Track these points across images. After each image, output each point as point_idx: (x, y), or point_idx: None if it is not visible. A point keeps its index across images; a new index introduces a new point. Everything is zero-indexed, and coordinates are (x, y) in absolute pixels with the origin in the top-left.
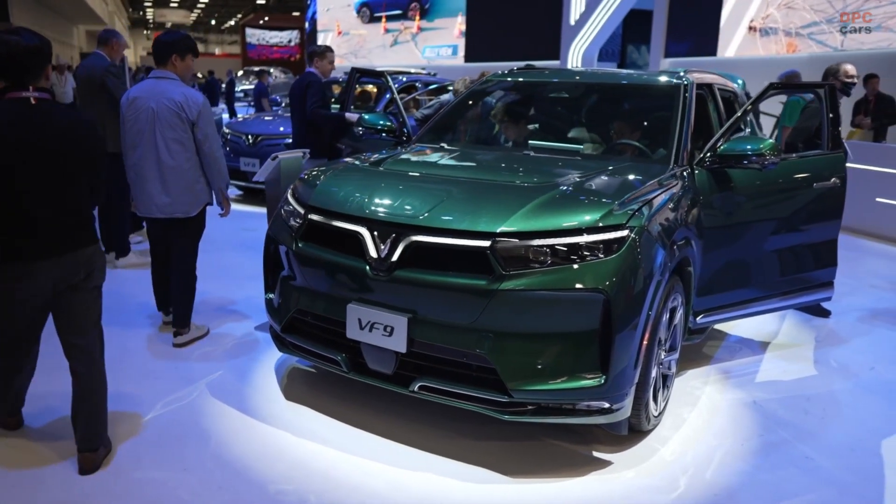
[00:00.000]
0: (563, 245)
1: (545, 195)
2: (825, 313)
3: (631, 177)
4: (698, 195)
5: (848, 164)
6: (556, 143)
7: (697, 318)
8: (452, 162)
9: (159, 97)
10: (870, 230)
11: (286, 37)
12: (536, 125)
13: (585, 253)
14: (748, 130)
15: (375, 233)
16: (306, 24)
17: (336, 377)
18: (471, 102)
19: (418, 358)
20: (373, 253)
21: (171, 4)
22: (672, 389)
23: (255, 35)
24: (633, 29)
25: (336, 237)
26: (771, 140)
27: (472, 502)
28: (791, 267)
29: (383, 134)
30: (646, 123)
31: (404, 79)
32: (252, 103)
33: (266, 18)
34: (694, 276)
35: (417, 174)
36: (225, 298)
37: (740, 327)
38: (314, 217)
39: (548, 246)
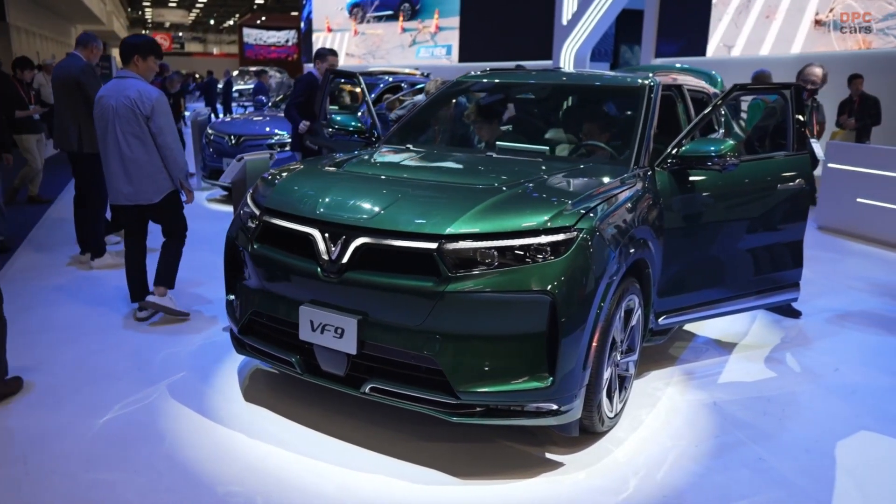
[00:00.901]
0: (510, 247)
1: (495, 197)
2: (796, 314)
3: (587, 178)
4: (658, 196)
5: (830, 165)
6: (523, 144)
7: (659, 320)
8: (412, 164)
9: (118, 95)
10: (851, 230)
11: (283, 37)
12: (504, 126)
13: (532, 255)
14: (721, 132)
15: (326, 235)
16: (301, 24)
17: (296, 379)
18: (439, 104)
19: (369, 360)
20: (324, 255)
21: (170, 4)
22: (630, 391)
23: (252, 35)
24: (626, 29)
25: (289, 239)
26: (731, 142)
27: None
28: (755, 268)
29: (355, 135)
30: (611, 125)
31: (390, 79)
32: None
33: (263, 18)
34: (653, 277)
35: (374, 176)
36: (198, 298)
37: (708, 328)
38: (268, 219)
39: (495, 248)
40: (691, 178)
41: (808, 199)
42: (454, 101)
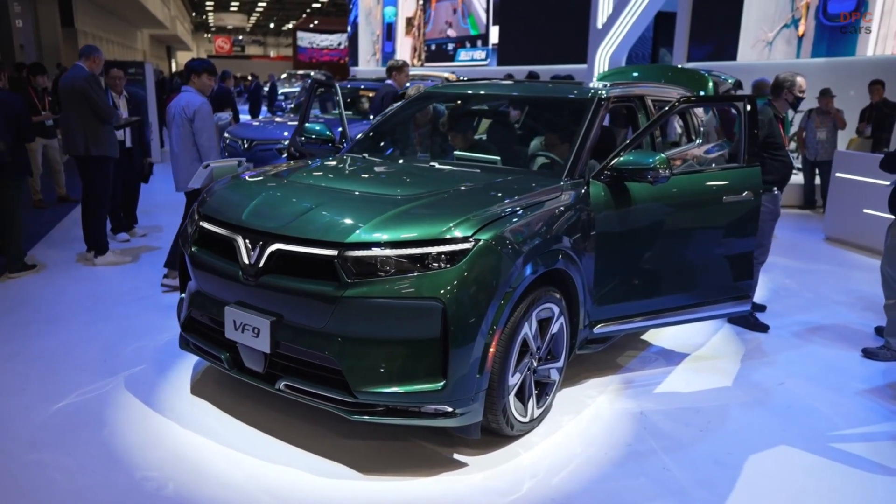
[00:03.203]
0: (408, 256)
1: (403, 206)
2: (763, 328)
3: (508, 189)
4: (591, 208)
5: (838, 174)
6: (478, 154)
7: (595, 329)
8: (346, 174)
9: (176, 104)
10: (857, 242)
11: (336, 40)
12: (464, 136)
13: (429, 263)
14: (699, 141)
15: (247, 240)
16: (348, 28)
17: None
18: (402, 114)
19: (283, 359)
20: (245, 259)
21: (231, 9)
22: (553, 397)
23: (305, 38)
24: (665, 31)
25: (219, 244)
26: (663, 155)
27: (317, 496)
28: (699, 280)
29: (329, 143)
30: (558, 136)
31: (408, 84)
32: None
33: (316, 22)
34: (580, 287)
35: (304, 185)
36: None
37: (664, 338)
38: (203, 224)
39: (393, 256)
40: (628, 190)
41: (758, 211)
42: (416, 111)
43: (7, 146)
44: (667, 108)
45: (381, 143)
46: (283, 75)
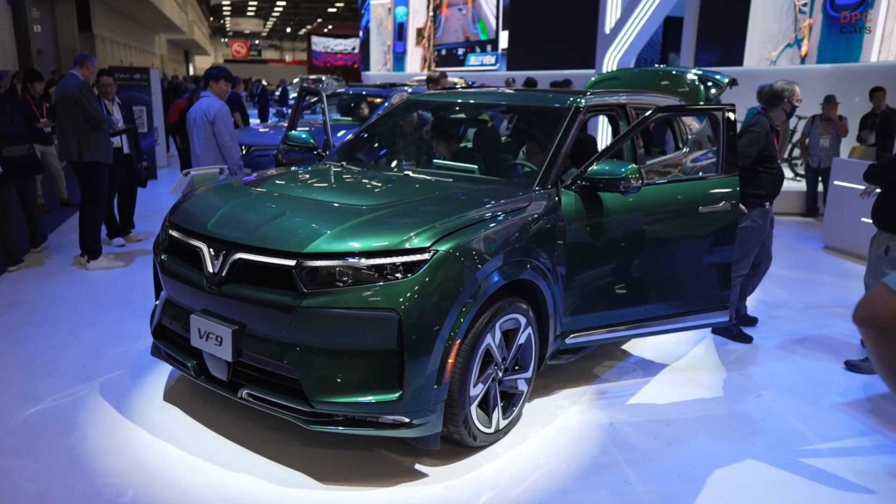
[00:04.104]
0: (364, 266)
1: (364, 216)
2: (746, 339)
3: (476, 198)
4: (562, 217)
5: (836, 182)
6: (458, 162)
7: (567, 339)
8: (320, 182)
9: (196, 108)
10: (856, 251)
11: (350, 44)
12: (444, 144)
13: (384, 274)
14: (685, 149)
15: (211, 249)
16: (360, 33)
17: None
18: (384, 122)
19: (245, 367)
20: (209, 268)
21: (248, 14)
22: (521, 408)
23: (320, 43)
24: (673, 37)
25: (186, 252)
26: (634, 165)
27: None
28: (675, 290)
29: (313, 151)
30: (535, 145)
31: (408, 90)
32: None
33: (330, 27)
34: (549, 297)
35: (272, 195)
36: None
37: (644, 349)
38: (172, 232)
39: (350, 267)
40: (600, 200)
41: (736, 221)
42: (398, 119)
43: (31, 148)
44: (640, 119)
45: (362, 152)
46: (296, 80)
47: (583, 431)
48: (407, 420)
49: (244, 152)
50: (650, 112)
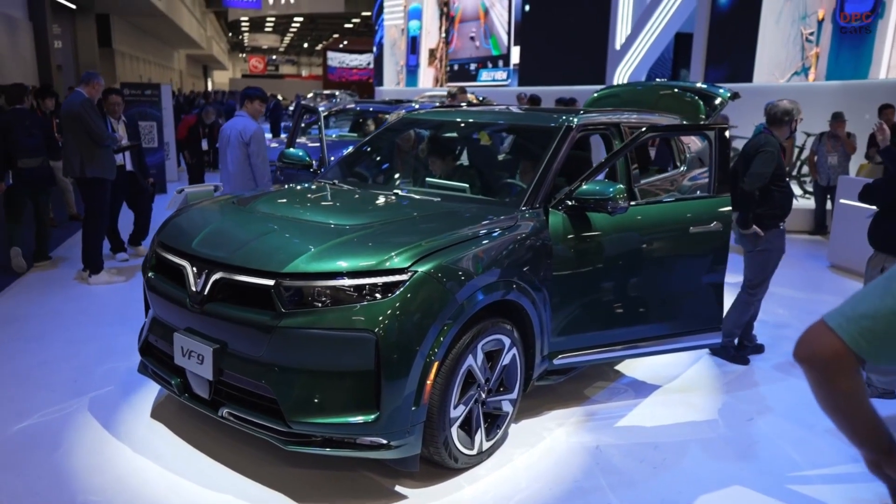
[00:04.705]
0: (343, 286)
1: (345, 236)
2: (744, 361)
3: (461, 218)
4: (548, 237)
5: (842, 201)
6: (450, 181)
7: (555, 360)
8: (308, 201)
9: (231, 128)
10: (862, 270)
11: (365, 59)
12: (439, 162)
13: (363, 294)
14: (682, 168)
15: (194, 268)
16: (374, 49)
17: None
18: (378, 141)
19: (226, 386)
20: (192, 286)
21: (266, 29)
22: (506, 429)
23: (335, 58)
24: (684, 53)
25: (171, 270)
26: (621, 185)
27: None
28: (666, 311)
29: (308, 168)
30: (530, 163)
31: (416, 105)
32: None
33: (345, 42)
34: (534, 318)
35: (258, 214)
36: None
37: (638, 369)
38: (158, 250)
39: (329, 286)
40: (589, 220)
41: (727, 241)
42: (390, 138)
43: (45, 161)
44: (629, 139)
45: (356, 170)
46: (310, 95)
47: (568, 454)
48: (384, 441)
49: None
50: (637, 132)
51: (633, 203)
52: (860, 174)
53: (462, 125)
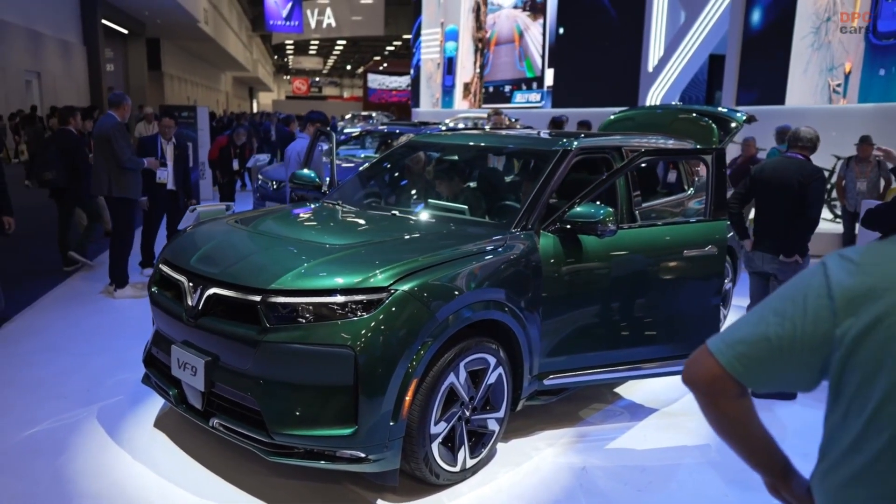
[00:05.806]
0: (325, 303)
1: (332, 255)
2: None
3: (450, 239)
4: (538, 259)
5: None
6: (453, 203)
7: (545, 380)
8: (306, 221)
9: (293, 149)
10: None
11: (404, 81)
12: (445, 184)
13: (344, 311)
14: (691, 190)
15: (191, 283)
16: (411, 71)
17: None
18: (382, 163)
19: (217, 397)
20: (188, 301)
21: (310, 52)
22: (492, 447)
23: (375, 80)
24: (718, 75)
25: (172, 286)
26: (610, 209)
27: None
28: (659, 334)
29: (318, 189)
30: (528, 186)
31: (443, 127)
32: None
33: (385, 65)
34: (522, 339)
35: (255, 232)
36: None
37: (636, 392)
38: (162, 266)
39: (311, 304)
40: (580, 242)
41: (722, 265)
42: (396, 160)
43: (59, 175)
44: (623, 163)
45: (360, 191)
46: (347, 116)
47: (553, 474)
48: (363, 455)
49: (275, 187)
50: (635, 156)
51: (630, 226)
52: (888, 197)
53: (466, 148)
